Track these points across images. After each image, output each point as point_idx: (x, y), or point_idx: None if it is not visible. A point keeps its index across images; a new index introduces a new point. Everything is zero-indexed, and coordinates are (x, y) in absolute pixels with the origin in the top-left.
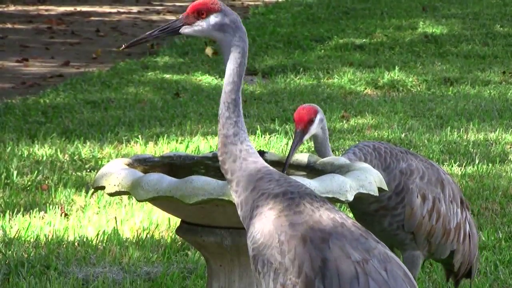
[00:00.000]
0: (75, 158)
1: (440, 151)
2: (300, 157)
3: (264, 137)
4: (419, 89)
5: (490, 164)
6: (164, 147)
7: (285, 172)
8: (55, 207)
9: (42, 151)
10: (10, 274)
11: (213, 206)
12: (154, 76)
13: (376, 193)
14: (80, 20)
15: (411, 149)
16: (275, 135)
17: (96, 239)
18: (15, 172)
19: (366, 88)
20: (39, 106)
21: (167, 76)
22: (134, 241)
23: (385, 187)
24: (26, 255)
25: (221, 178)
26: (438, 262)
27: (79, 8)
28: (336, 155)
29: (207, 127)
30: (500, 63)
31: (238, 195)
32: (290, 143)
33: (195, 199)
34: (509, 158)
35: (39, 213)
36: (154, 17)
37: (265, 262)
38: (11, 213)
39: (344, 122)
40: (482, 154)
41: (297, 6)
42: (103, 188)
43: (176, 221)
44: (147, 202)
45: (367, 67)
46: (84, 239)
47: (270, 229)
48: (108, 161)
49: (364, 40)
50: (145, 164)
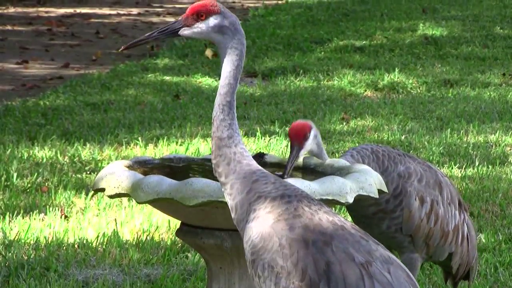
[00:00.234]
0: (75, 160)
1: (440, 153)
2: (300, 159)
3: (264, 139)
4: (419, 91)
5: (490, 166)
6: (164, 149)
7: (285, 177)
8: (55, 209)
9: (42, 153)
10: (10, 276)
11: (213, 208)
12: (154, 78)
13: (376, 195)
14: (80, 22)
15: (411, 151)
16: (275, 137)
17: (96, 241)
18: (15, 174)
19: (366, 90)
20: (39, 108)
21: (167, 78)
22: (134, 243)
23: (385, 189)
24: (26, 257)
25: None
26: (436, 264)
27: (79, 10)
28: (336, 157)
29: (207, 129)
30: (500, 65)
31: (232, 198)
32: (290, 145)
33: (195, 201)
34: (509, 160)
35: (39, 215)
36: (154, 19)
37: (265, 267)
38: (11, 215)
39: (344, 124)
40: (482, 156)
41: (297, 8)
42: (103, 190)
43: (176, 223)
44: (147, 204)
45: (367, 69)
46: (84, 241)
47: (270, 232)
48: (108, 163)
49: (364, 42)
50: (145, 166)
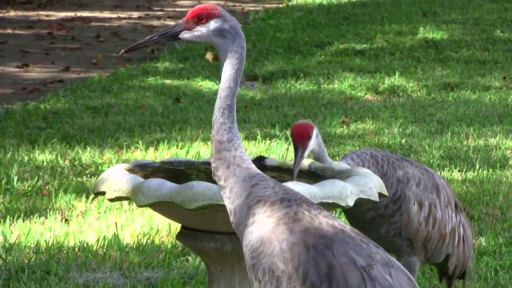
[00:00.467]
0: (75, 163)
1: (441, 157)
2: (303, 160)
3: (265, 142)
4: (419, 94)
5: (491, 170)
6: (165, 153)
7: (292, 179)
8: (56, 213)
9: (43, 156)
10: (10, 280)
11: (213, 211)
12: (155, 82)
13: (376, 198)
14: (81, 26)
15: (412, 154)
16: (275, 141)
17: (97, 245)
18: (16, 178)
19: (366, 94)
20: (40, 112)
21: (168, 81)
22: (134, 246)
23: (385, 192)
24: (26, 261)
25: None
26: (432, 265)
27: (79, 14)
28: (336, 160)
29: (207, 132)
30: (501, 68)
31: (231, 201)
32: (291, 149)
33: (195, 205)
34: (509, 163)
35: (39, 218)
36: (155, 22)
37: (265, 271)
38: (11, 218)
39: (345, 127)
40: (483, 160)
41: (297, 12)
42: (103, 193)
43: (176, 226)
44: (147, 208)
45: (367, 72)
46: (85, 245)
47: (270, 237)
48: (108, 166)
49: (364, 45)
50: (145, 169)
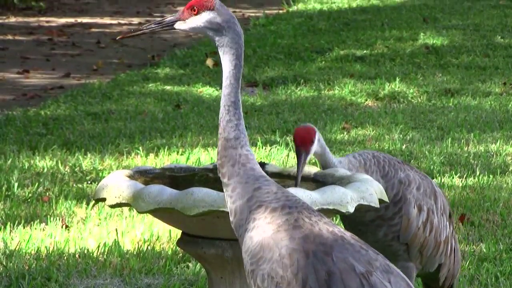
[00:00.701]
0: (76, 170)
1: (441, 163)
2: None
3: (265, 148)
4: (419, 100)
5: (491, 176)
6: (165, 159)
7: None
8: (56, 219)
9: (43, 163)
10: (11, 286)
11: (214, 217)
12: (155, 88)
13: (377, 204)
14: (81, 32)
15: (412, 160)
16: (275, 147)
17: (97, 251)
18: (16, 184)
19: (367, 100)
20: (40, 118)
21: (168, 87)
22: (135, 253)
23: (385, 199)
24: (27, 267)
25: (221, 189)
26: (420, 278)
27: (80, 20)
28: None
29: (208, 138)
30: (501, 74)
31: (232, 201)
32: (291, 155)
33: (196, 211)
34: (510, 170)
35: (40, 225)
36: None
37: (265, 277)
38: (12, 225)
39: (345, 133)
40: (483, 166)
41: (297, 18)
42: (104, 200)
43: (177, 232)
44: (148, 214)
45: (367, 78)
46: (85, 251)
47: (270, 243)
48: (109, 173)
49: (364, 51)
50: (146, 175)
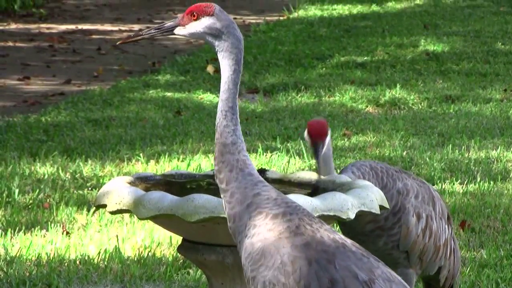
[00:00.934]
0: (76, 176)
1: (442, 169)
2: (301, 175)
3: (266, 155)
4: (420, 107)
5: (492, 182)
6: (166, 165)
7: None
8: (57, 225)
9: (44, 169)
10: None
11: (214, 224)
12: (156, 94)
13: (377, 211)
14: (82, 38)
15: (413, 167)
16: (276, 153)
17: (98, 257)
18: (17, 191)
19: (367, 106)
20: (41, 124)
21: (169, 94)
22: (135, 259)
23: (386, 205)
24: (27, 274)
25: None
26: (421, 278)
27: (80, 26)
28: (337, 173)
29: (208, 145)
30: (502, 80)
31: (231, 207)
32: (292, 161)
33: (196, 217)
34: (510, 176)
35: (40, 231)
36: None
37: (266, 284)
38: (12, 231)
39: (346, 140)
40: (484, 172)
41: (298, 24)
42: (104, 206)
43: (177, 239)
44: (148, 220)
45: (368, 85)
46: (86, 257)
47: (271, 250)
48: (109, 179)
49: (365, 58)
50: (146, 182)
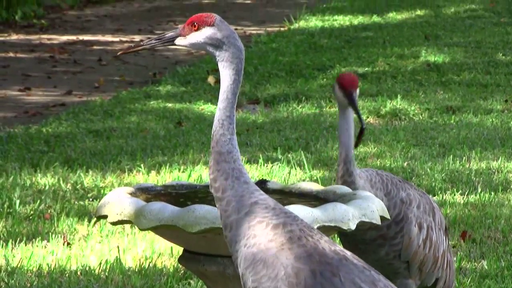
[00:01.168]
0: (77, 187)
1: (443, 180)
2: (302, 185)
3: (267, 166)
4: (421, 117)
5: (493, 193)
6: (167, 176)
7: (364, 126)
8: (58, 236)
9: (45, 180)
10: None
11: (215, 235)
12: (157, 105)
13: (378, 221)
14: (83, 49)
15: (414, 177)
16: (277, 164)
17: (99, 268)
18: (18, 201)
19: (368, 117)
20: (42, 135)
21: (170, 105)
22: (136, 270)
23: (387, 216)
24: (28, 285)
25: None
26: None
27: (81, 37)
28: None
29: (209, 156)
30: (503, 91)
31: (227, 215)
32: (293, 172)
33: (197, 228)
34: (511, 187)
35: (41, 242)
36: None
37: None
38: (13, 242)
39: None
40: (485, 183)
41: (299, 35)
42: (105, 217)
43: (178, 250)
44: (149, 231)
45: (369, 95)
46: (87, 268)
47: (274, 261)
48: (110, 190)
49: (366, 68)
50: (147, 193)
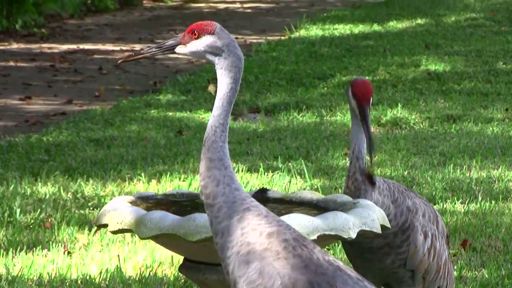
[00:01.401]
0: (78, 196)
1: (443, 189)
2: (302, 194)
3: (267, 174)
4: (422, 126)
5: (493, 201)
6: (167, 185)
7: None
8: (58, 245)
9: (45, 189)
10: None
11: None
12: (157, 114)
13: (379, 230)
14: (83, 58)
15: (414, 186)
16: (277, 173)
17: (99, 277)
18: (18, 210)
19: None
20: (42, 144)
21: (170, 113)
22: (137, 279)
23: (387, 225)
24: None
25: None
26: None
27: (81, 46)
28: (339, 192)
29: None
30: (503, 100)
31: (218, 221)
32: (293, 181)
33: (198, 237)
34: None
35: (42, 251)
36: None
37: None
38: (14, 251)
39: (347, 160)
40: (485, 191)
41: (299, 44)
42: (106, 226)
43: (179, 258)
44: (150, 240)
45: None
46: (87, 277)
47: (270, 270)
48: (111, 199)
49: (367, 77)
50: (148, 201)
